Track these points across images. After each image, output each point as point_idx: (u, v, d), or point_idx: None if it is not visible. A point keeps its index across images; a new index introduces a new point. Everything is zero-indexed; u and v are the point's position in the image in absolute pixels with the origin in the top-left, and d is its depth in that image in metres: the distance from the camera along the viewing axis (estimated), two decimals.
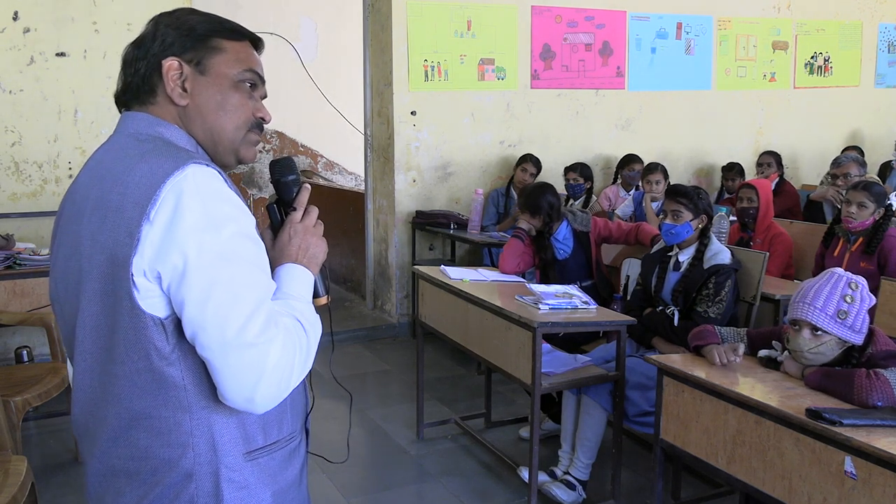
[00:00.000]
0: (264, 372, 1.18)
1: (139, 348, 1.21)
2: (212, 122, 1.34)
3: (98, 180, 1.26)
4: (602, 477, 3.49)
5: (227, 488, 1.26)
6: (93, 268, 1.22)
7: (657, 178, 5.56)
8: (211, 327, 1.16)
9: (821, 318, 2.41)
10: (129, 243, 1.17)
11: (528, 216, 3.98)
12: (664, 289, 3.48)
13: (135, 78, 1.33)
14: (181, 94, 1.32)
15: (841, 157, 5.28)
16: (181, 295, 1.17)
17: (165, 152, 1.24)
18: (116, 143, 1.32)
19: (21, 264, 4.06)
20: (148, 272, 1.17)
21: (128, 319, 1.20)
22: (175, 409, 1.23)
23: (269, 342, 1.18)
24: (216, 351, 1.17)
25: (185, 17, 1.36)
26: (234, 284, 1.18)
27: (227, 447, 1.26)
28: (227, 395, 1.20)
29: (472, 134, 6.07)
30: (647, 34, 6.70)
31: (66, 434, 3.99)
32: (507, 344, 3.23)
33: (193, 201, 1.17)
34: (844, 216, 3.84)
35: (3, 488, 2.52)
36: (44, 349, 4.31)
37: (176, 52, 1.32)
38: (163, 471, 1.25)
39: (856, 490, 2.08)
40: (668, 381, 2.73)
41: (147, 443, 1.24)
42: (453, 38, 5.91)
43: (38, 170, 4.83)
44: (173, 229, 1.16)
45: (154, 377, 1.22)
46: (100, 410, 1.28)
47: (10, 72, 4.72)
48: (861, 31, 7.77)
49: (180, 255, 1.16)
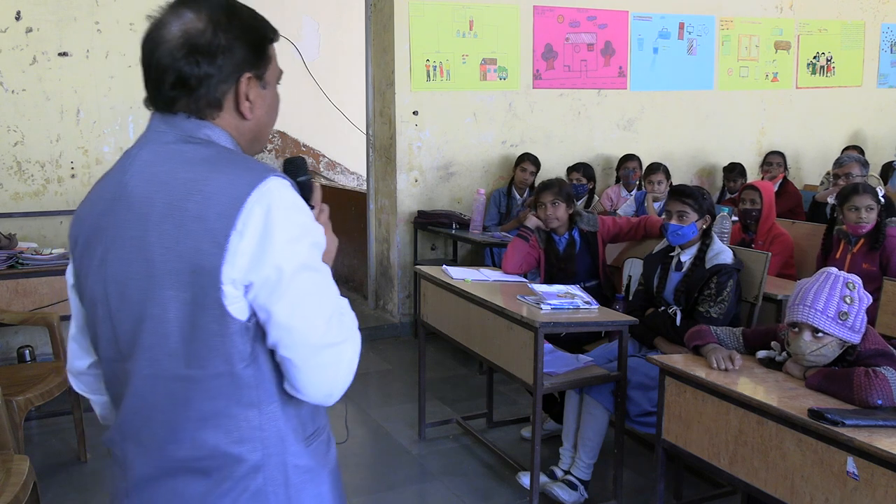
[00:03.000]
0: (342, 367, 1.28)
1: (223, 352, 1.24)
2: (261, 130, 1.39)
3: (161, 186, 1.25)
4: (604, 477, 3.49)
5: (294, 474, 1.33)
6: (168, 275, 1.23)
7: (659, 179, 5.56)
8: (298, 332, 1.24)
9: (822, 321, 2.40)
10: (217, 253, 1.20)
11: (559, 203, 3.91)
12: (666, 289, 3.48)
13: (202, 87, 1.29)
14: (249, 107, 1.34)
15: (843, 157, 5.26)
16: (271, 302, 1.22)
17: (237, 160, 1.28)
18: (165, 145, 1.30)
19: (23, 264, 4.07)
20: (238, 281, 1.21)
21: (215, 326, 1.23)
22: (245, 407, 1.28)
23: (346, 340, 1.29)
24: (302, 352, 1.25)
25: (249, 24, 1.34)
26: (317, 291, 1.26)
27: (291, 436, 1.32)
28: (308, 392, 1.28)
29: (474, 134, 6.07)
30: (650, 34, 6.69)
31: (69, 433, 3.99)
32: (509, 344, 3.23)
33: (282, 214, 1.22)
34: (854, 222, 3.79)
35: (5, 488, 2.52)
36: (46, 349, 4.31)
37: (249, 69, 1.33)
38: (230, 466, 1.28)
39: (858, 491, 2.08)
40: (669, 381, 2.73)
41: (215, 441, 1.28)
42: (455, 38, 5.91)
43: (41, 169, 4.84)
44: (266, 242, 1.21)
45: (232, 379, 1.26)
46: (161, 414, 1.29)
47: (12, 71, 4.72)
48: (864, 31, 7.76)
49: (274, 267, 1.21)
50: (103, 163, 4.95)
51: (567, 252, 3.96)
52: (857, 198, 3.79)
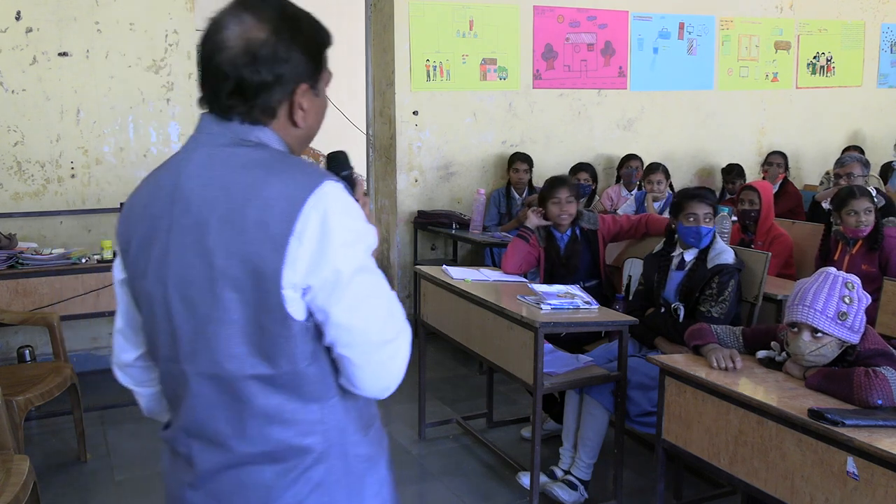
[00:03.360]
0: (398, 361, 1.34)
1: (287, 353, 1.28)
2: (310, 134, 1.42)
3: (220, 190, 1.27)
4: (604, 477, 3.49)
5: (355, 462, 1.38)
6: (230, 279, 1.26)
7: (658, 178, 5.57)
8: (358, 331, 1.28)
9: (822, 321, 2.40)
10: (277, 258, 1.23)
11: (573, 200, 3.93)
12: (666, 289, 3.48)
13: (260, 94, 1.30)
14: (303, 116, 1.36)
15: (844, 157, 5.26)
16: (330, 304, 1.26)
17: (292, 164, 1.29)
18: (218, 148, 1.32)
19: (23, 264, 4.07)
20: (298, 285, 1.24)
21: (278, 328, 1.26)
22: (308, 402, 1.32)
23: (400, 336, 1.34)
24: (361, 350, 1.29)
25: (308, 35, 1.34)
26: (375, 291, 1.31)
27: (351, 427, 1.37)
28: (365, 387, 1.33)
29: (474, 134, 6.07)
30: (650, 34, 6.69)
31: (68, 433, 3.99)
32: (509, 344, 3.23)
33: (338, 219, 1.25)
34: (853, 226, 3.78)
35: (5, 488, 2.52)
36: (46, 349, 4.32)
37: (306, 79, 1.34)
38: (295, 458, 1.32)
39: (858, 491, 2.08)
40: (670, 381, 2.73)
41: (280, 436, 1.32)
42: (455, 38, 5.91)
43: (41, 169, 4.84)
44: (324, 246, 1.24)
45: (296, 377, 1.30)
46: (226, 412, 1.32)
47: (12, 71, 4.72)
48: (864, 31, 7.76)
49: (332, 271, 1.24)
50: (103, 163, 4.95)
51: (570, 248, 3.96)
52: (855, 202, 3.77)
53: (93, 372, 4.98)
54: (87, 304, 4.14)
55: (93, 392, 4.61)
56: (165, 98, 5.05)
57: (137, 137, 5.01)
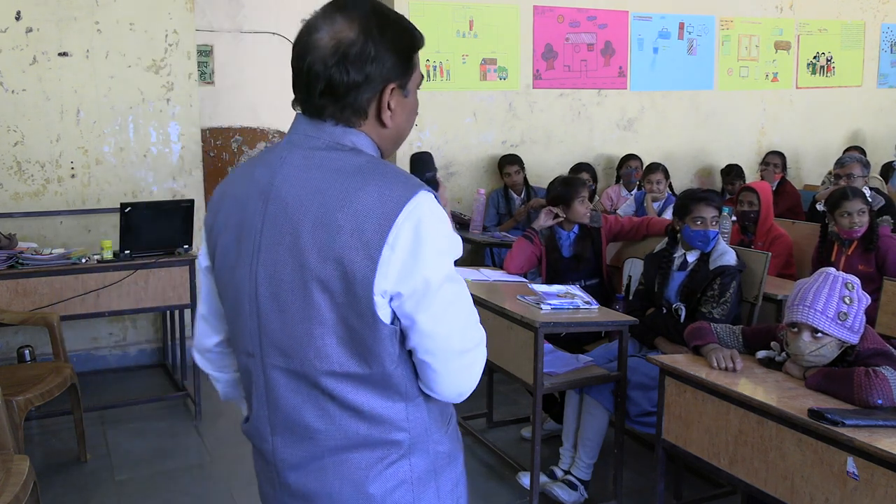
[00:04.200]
0: (475, 370, 1.38)
1: (376, 354, 1.31)
2: (401, 134, 1.42)
3: (315, 194, 1.29)
4: (604, 477, 3.49)
5: (437, 458, 1.42)
6: (323, 281, 1.28)
7: (658, 178, 5.57)
8: (440, 339, 1.31)
9: (822, 321, 2.40)
10: (370, 266, 1.25)
11: (586, 202, 3.98)
12: (667, 289, 3.48)
13: (350, 94, 1.32)
14: (390, 116, 1.36)
15: (845, 157, 5.25)
16: (417, 311, 1.29)
17: (388, 172, 1.31)
18: (314, 151, 1.33)
19: (23, 264, 4.07)
20: (388, 292, 1.27)
21: (368, 331, 1.29)
22: (395, 401, 1.35)
23: (479, 344, 1.38)
24: (441, 357, 1.33)
25: (397, 35, 1.35)
26: (459, 301, 1.33)
27: (434, 425, 1.41)
28: (442, 392, 1.36)
29: (475, 134, 6.07)
30: (650, 34, 6.69)
31: (68, 433, 3.99)
32: (509, 344, 3.23)
33: (431, 230, 1.27)
34: (847, 227, 3.78)
35: (5, 488, 2.52)
36: (46, 349, 4.31)
37: (394, 78, 1.34)
38: (380, 452, 1.36)
39: (858, 491, 2.08)
40: (669, 381, 2.73)
41: (367, 432, 1.35)
42: (455, 38, 5.91)
43: (41, 169, 4.84)
44: (416, 256, 1.26)
45: (384, 378, 1.33)
46: (314, 409, 1.36)
47: (12, 71, 4.72)
48: (864, 32, 7.76)
49: (422, 280, 1.27)
50: (103, 163, 4.95)
51: (580, 244, 3.98)
52: (848, 203, 3.77)
53: (93, 372, 4.98)
54: (87, 304, 4.14)
55: (93, 392, 4.61)
56: (165, 98, 5.05)
57: (137, 137, 5.01)
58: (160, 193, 5.10)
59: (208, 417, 4.34)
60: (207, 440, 4.09)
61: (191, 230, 4.38)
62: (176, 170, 5.15)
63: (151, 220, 4.25)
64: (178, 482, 3.62)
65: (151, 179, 5.10)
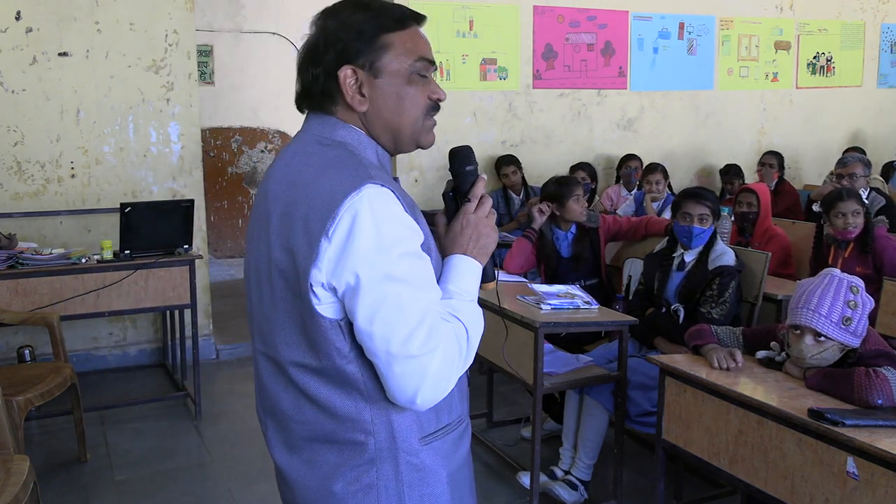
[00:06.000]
0: (425, 379, 1.27)
1: (323, 347, 1.31)
2: (391, 120, 1.39)
3: (288, 186, 1.33)
4: (604, 477, 3.49)
5: (407, 471, 1.36)
6: (281, 272, 1.32)
7: (657, 178, 5.58)
8: (378, 339, 1.26)
9: (826, 326, 2.38)
10: (309, 255, 1.26)
11: (581, 201, 3.97)
12: (667, 289, 3.48)
13: (314, 86, 1.38)
14: (360, 100, 1.37)
15: (846, 157, 5.25)
16: (353, 308, 1.27)
17: (347, 165, 1.31)
18: (303, 146, 1.39)
19: (23, 264, 4.06)
20: (325, 285, 1.27)
21: (311, 322, 1.30)
22: (355, 400, 1.33)
23: (431, 353, 1.27)
24: (382, 360, 1.27)
25: (350, 18, 1.36)
26: (399, 302, 1.25)
27: (405, 434, 1.35)
28: (393, 396, 1.31)
29: (475, 134, 6.07)
30: (650, 34, 6.69)
31: (68, 433, 3.99)
32: (509, 344, 3.23)
33: (366, 224, 1.24)
34: (841, 228, 3.77)
35: (4, 488, 2.52)
36: (46, 349, 4.31)
37: (349, 60, 1.35)
38: (347, 453, 1.35)
39: (858, 491, 2.08)
40: (669, 381, 2.73)
41: (332, 428, 1.35)
42: (455, 38, 5.91)
43: (41, 169, 4.84)
44: (347, 249, 1.24)
45: (337, 373, 1.32)
46: (287, 396, 1.38)
47: (12, 71, 4.72)
48: (864, 32, 7.76)
49: (352, 275, 1.24)
50: (103, 163, 4.95)
51: (578, 244, 3.97)
52: (843, 204, 3.76)
53: (93, 372, 4.98)
54: (87, 304, 4.14)
55: (93, 392, 4.61)
56: (165, 98, 5.05)
57: (137, 137, 5.01)
58: (160, 193, 5.10)
59: (208, 417, 4.34)
60: (207, 440, 4.09)
61: (191, 230, 4.38)
62: (176, 170, 5.15)
63: (151, 220, 4.25)
64: (178, 482, 3.63)
65: (151, 179, 5.10)
